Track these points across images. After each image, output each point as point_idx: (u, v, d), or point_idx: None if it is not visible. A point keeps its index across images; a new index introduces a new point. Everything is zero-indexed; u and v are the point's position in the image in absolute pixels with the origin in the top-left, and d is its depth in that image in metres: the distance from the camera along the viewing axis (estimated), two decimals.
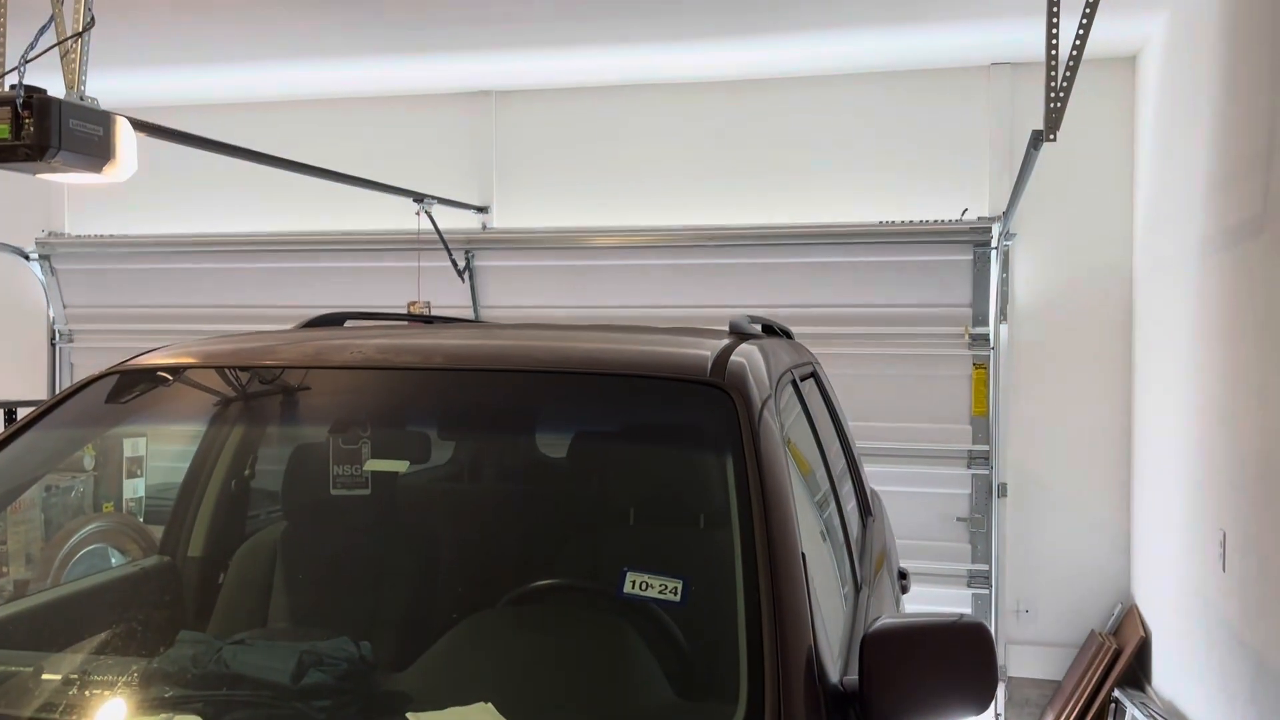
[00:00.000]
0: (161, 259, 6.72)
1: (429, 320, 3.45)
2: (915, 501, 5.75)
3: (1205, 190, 4.46)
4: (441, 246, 5.98)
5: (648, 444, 2.30)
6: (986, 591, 5.71)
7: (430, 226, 5.84)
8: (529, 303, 6.37)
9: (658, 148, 6.62)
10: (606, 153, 6.69)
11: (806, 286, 5.91)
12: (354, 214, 6.56)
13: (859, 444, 5.67)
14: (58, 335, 7.02)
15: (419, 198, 5.55)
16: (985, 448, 5.71)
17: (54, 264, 6.81)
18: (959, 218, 5.81)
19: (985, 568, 5.70)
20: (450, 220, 6.30)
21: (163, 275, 6.82)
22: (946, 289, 5.68)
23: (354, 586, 2.17)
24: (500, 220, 6.73)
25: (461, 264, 6.07)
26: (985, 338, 5.66)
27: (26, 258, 6.63)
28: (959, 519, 5.76)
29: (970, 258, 5.48)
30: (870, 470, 5.66)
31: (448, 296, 6.24)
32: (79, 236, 7.11)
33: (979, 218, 5.86)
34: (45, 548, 3.88)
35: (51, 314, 7.06)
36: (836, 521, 2.73)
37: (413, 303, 5.87)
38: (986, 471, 5.70)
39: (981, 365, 5.67)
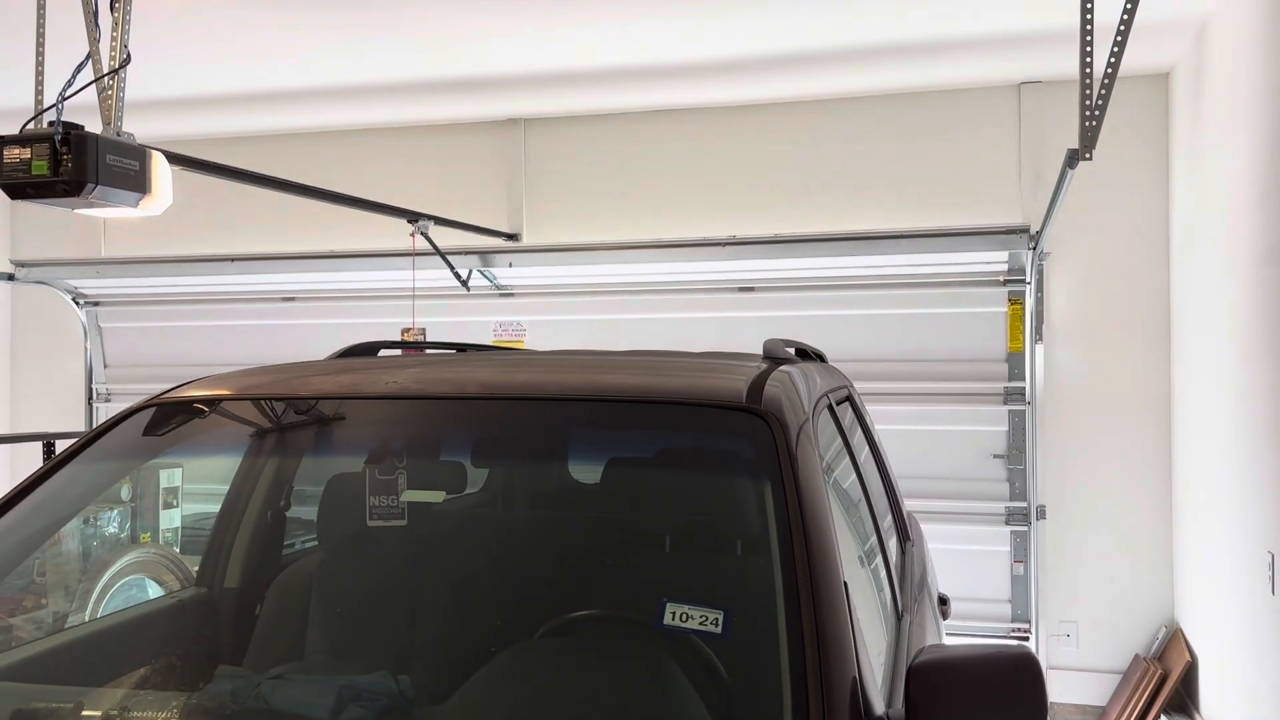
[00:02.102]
0: (161, 273, 6.77)
1: (461, 349, 3.45)
2: (952, 440, 5.67)
3: (1246, 206, 4.40)
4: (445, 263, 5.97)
5: (685, 472, 2.28)
6: (1025, 529, 5.62)
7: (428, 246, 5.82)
8: (556, 274, 6.36)
9: (687, 173, 6.63)
10: (635, 179, 6.71)
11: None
12: (390, 235, 6.56)
13: (895, 385, 5.63)
14: (82, 301, 7.07)
15: (413, 218, 5.48)
16: (1022, 384, 5.61)
17: (40, 280, 6.86)
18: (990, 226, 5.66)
19: (1024, 505, 5.61)
20: (479, 242, 6.34)
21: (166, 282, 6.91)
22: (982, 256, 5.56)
23: (391, 618, 2.15)
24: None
25: (465, 273, 6.03)
26: (1021, 279, 5.50)
27: (12, 278, 6.65)
28: (995, 456, 5.66)
29: (1004, 255, 5.37)
30: (906, 410, 5.66)
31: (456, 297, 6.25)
32: (49, 260, 7.14)
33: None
34: (83, 580, 3.90)
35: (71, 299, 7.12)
36: (876, 547, 2.70)
37: (406, 329, 5.81)
38: (1023, 407, 5.61)
39: (1017, 301, 5.53)
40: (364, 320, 6.55)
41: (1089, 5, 3.04)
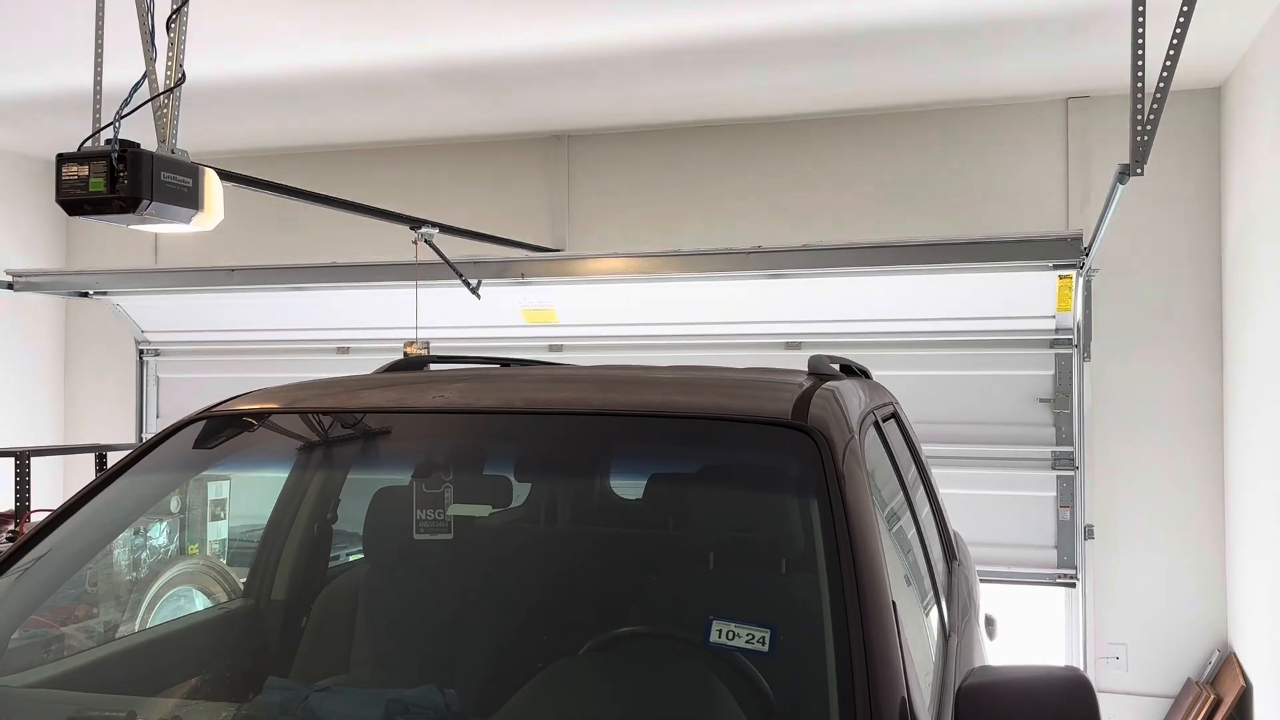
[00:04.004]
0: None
1: (505, 364, 3.46)
2: (997, 385, 5.58)
3: None
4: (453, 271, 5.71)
5: (730, 488, 2.27)
6: (1071, 474, 5.51)
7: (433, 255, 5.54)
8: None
9: (729, 187, 6.63)
10: (679, 192, 6.73)
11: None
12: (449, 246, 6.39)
13: (939, 334, 5.53)
14: (92, 292, 6.95)
15: (416, 225, 5.24)
16: (1069, 334, 5.46)
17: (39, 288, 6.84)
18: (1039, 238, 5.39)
19: (1070, 449, 5.52)
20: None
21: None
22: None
23: (436, 632, 2.16)
24: None
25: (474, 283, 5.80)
26: (1071, 264, 5.22)
27: (11, 287, 6.64)
28: (1041, 400, 5.56)
29: (1050, 266, 5.20)
30: (949, 355, 5.57)
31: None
32: (44, 270, 7.13)
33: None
34: (133, 590, 3.96)
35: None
36: (923, 566, 2.67)
37: (409, 343, 5.62)
38: (1070, 351, 5.49)
39: (1066, 275, 5.33)
40: (377, 295, 6.38)
41: (1140, 18, 3.00)
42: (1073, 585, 5.47)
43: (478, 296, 5.79)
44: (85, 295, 6.78)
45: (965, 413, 5.60)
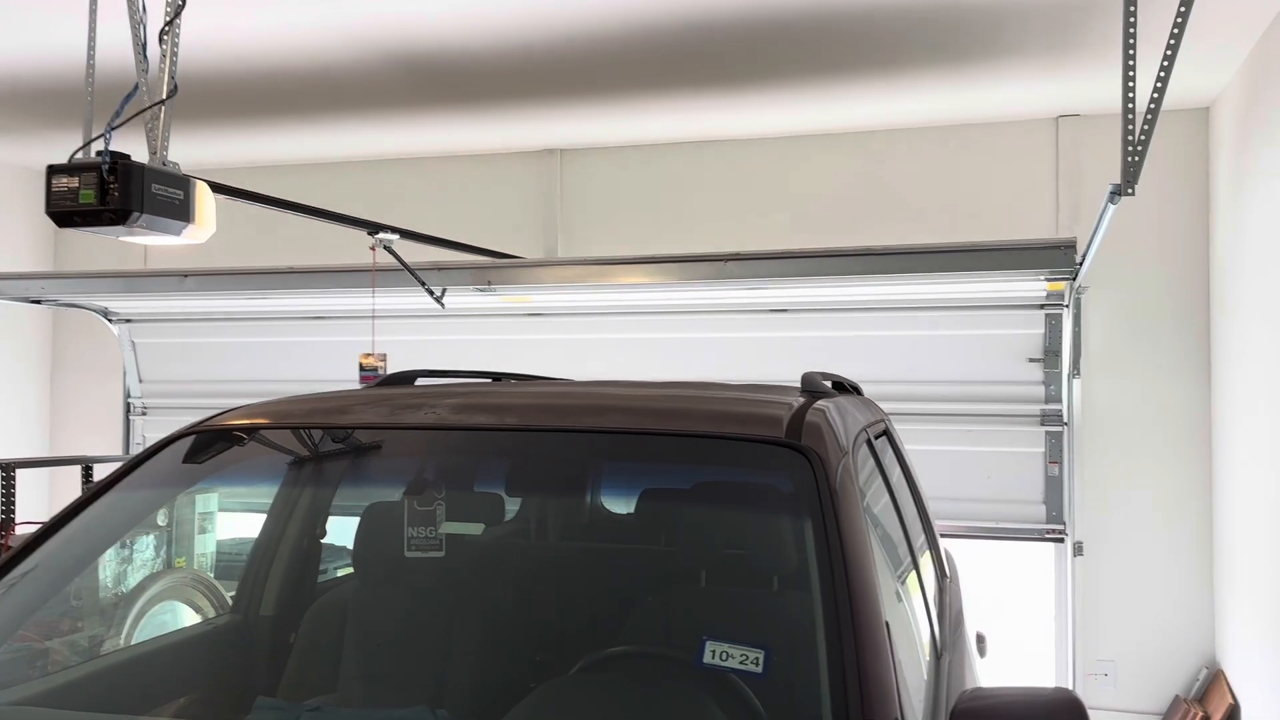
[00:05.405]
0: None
1: (497, 378, 3.45)
2: (986, 344, 5.56)
3: None
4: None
5: (724, 507, 2.26)
6: (1060, 429, 5.53)
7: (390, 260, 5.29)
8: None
9: (722, 202, 6.64)
10: (670, 207, 6.73)
11: None
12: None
13: (928, 301, 5.52)
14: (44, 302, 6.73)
15: (374, 230, 5.04)
16: (1059, 296, 5.44)
17: None
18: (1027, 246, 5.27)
19: (1058, 407, 5.53)
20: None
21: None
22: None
23: (427, 651, 2.15)
24: None
25: (438, 291, 5.57)
26: (1065, 275, 4.98)
27: None
28: (1031, 359, 5.54)
29: (1044, 278, 5.14)
30: (938, 315, 5.55)
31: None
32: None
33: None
34: (119, 604, 3.92)
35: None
36: (915, 584, 2.66)
37: (366, 355, 5.36)
38: (1060, 311, 5.47)
39: (1057, 282, 5.12)
40: (334, 303, 6.31)
41: (1131, 40, 3.02)
42: (1060, 540, 5.47)
43: (442, 305, 5.65)
44: (38, 303, 6.61)
45: (955, 372, 5.60)
